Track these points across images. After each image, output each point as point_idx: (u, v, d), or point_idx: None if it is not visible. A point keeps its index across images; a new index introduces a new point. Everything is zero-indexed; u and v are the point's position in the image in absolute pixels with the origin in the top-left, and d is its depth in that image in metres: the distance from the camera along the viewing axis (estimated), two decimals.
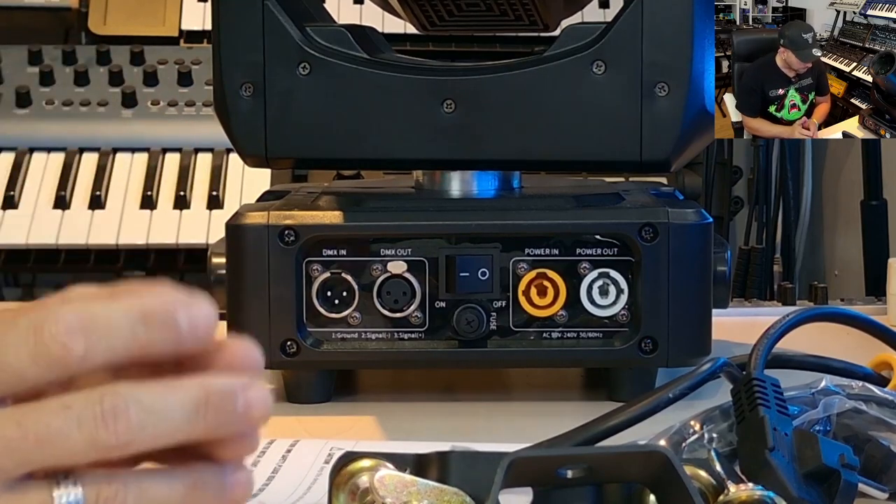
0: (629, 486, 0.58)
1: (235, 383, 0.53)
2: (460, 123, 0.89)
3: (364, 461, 0.57)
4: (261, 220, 0.88)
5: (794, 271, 1.92)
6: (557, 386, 0.95)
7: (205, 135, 1.75)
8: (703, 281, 0.88)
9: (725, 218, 1.92)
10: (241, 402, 0.52)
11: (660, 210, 0.88)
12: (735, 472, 0.60)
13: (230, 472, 0.53)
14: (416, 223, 0.88)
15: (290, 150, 0.91)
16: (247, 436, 0.54)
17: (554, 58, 0.89)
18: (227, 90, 0.90)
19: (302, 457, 0.74)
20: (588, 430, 0.66)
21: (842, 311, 0.82)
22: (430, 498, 0.55)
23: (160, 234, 1.66)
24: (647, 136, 0.88)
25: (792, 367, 0.76)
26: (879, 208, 1.80)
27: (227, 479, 0.53)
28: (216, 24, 0.91)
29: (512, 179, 0.94)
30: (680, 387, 0.68)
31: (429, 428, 0.84)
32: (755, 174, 1.92)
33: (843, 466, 0.61)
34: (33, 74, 1.81)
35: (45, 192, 1.70)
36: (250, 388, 0.53)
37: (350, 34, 0.91)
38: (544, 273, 0.88)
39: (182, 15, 1.92)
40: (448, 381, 0.95)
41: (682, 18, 0.88)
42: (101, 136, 1.76)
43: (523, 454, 0.55)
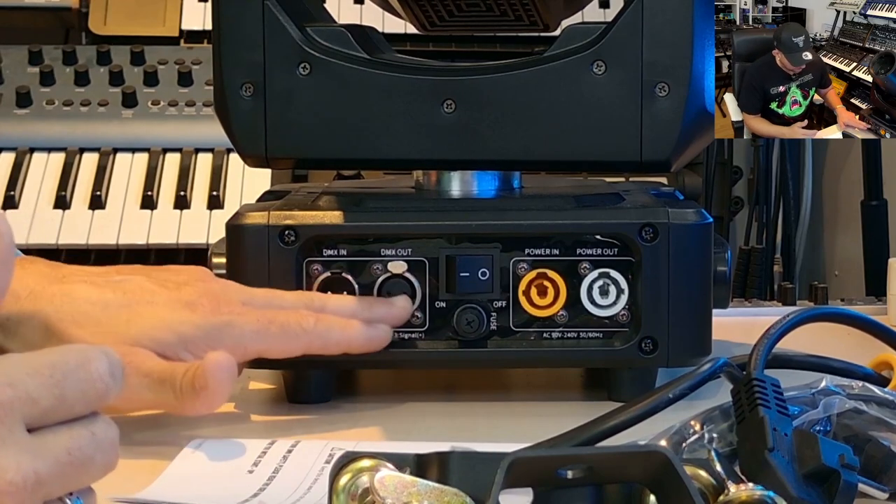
0: (629, 486, 0.58)
1: None
2: (460, 123, 0.89)
3: (364, 461, 0.57)
4: (261, 220, 0.88)
5: (794, 271, 1.92)
6: (557, 386, 0.95)
7: (205, 135, 1.75)
8: (703, 281, 0.88)
9: (725, 218, 1.92)
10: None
11: (660, 210, 0.88)
12: (735, 472, 0.60)
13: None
14: (416, 223, 0.88)
15: (290, 150, 0.91)
16: None
17: (554, 58, 0.89)
18: (228, 90, 0.90)
19: (302, 457, 0.74)
20: (588, 430, 0.66)
21: (842, 311, 0.82)
22: (430, 498, 0.55)
23: (160, 234, 1.66)
24: (647, 136, 0.88)
25: (792, 367, 0.76)
26: (879, 208, 1.80)
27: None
28: (216, 23, 0.91)
29: (512, 179, 0.94)
30: (680, 387, 0.68)
31: (429, 428, 0.84)
32: (755, 174, 1.92)
33: (843, 466, 0.61)
34: (33, 74, 1.81)
35: (46, 191, 1.70)
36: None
37: (350, 34, 0.91)
38: (544, 273, 0.88)
39: (182, 15, 1.92)
40: (448, 381, 0.95)
41: (682, 18, 0.88)
42: (102, 136, 1.76)
43: (523, 454, 0.55)
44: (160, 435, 0.81)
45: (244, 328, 0.82)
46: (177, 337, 0.80)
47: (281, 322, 0.83)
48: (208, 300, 0.82)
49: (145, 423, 0.83)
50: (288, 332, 0.83)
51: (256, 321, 0.82)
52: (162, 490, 0.70)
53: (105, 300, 0.82)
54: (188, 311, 0.82)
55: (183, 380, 0.77)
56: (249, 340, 0.82)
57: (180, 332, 0.80)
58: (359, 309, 0.86)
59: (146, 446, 0.79)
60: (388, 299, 0.87)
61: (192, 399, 0.77)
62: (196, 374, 0.77)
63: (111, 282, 0.83)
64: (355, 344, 0.85)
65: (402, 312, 0.87)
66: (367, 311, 0.86)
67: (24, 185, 1.71)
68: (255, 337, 0.82)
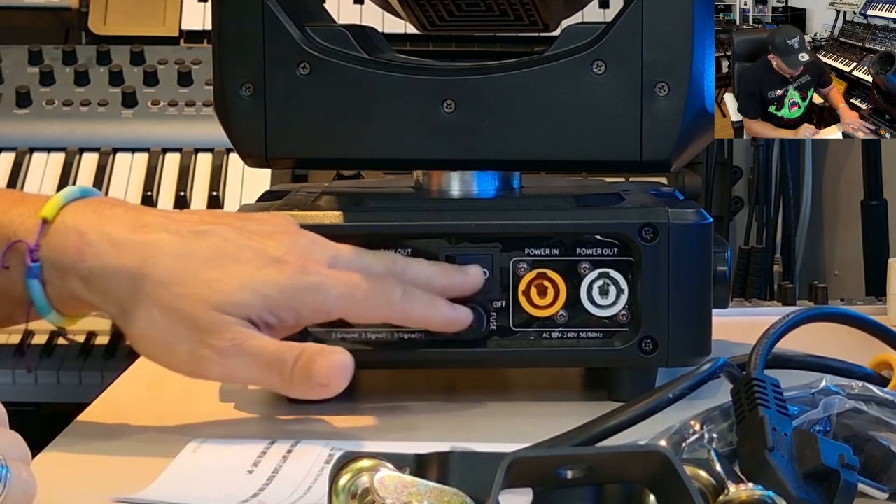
0: (629, 486, 0.58)
1: None
2: (460, 123, 0.89)
3: (364, 461, 0.57)
4: None
5: (794, 271, 1.92)
6: (557, 386, 0.95)
7: (205, 135, 1.75)
8: (703, 281, 0.88)
9: (725, 218, 1.92)
10: None
11: (660, 210, 0.88)
12: (735, 472, 0.60)
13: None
14: (416, 223, 0.88)
15: (290, 150, 0.91)
16: None
17: (554, 58, 0.89)
18: (227, 90, 0.90)
19: (302, 457, 0.74)
20: (588, 430, 0.66)
21: (842, 311, 0.82)
22: (430, 498, 0.55)
23: None
24: (647, 136, 0.88)
25: (792, 367, 0.76)
26: (879, 208, 1.80)
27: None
28: (216, 23, 0.91)
29: (512, 179, 0.94)
30: (680, 387, 0.68)
31: (429, 428, 0.84)
32: (755, 174, 1.92)
33: (843, 466, 0.61)
34: (33, 74, 1.81)
35: (46, 191, 1.70)
36: None
37: (350, 34, 0.91)
38: (544, 273, 0.88)
39: (182, 15, 1.92)
40: (448, 381, 0.95)
41: (682, 18, 0.88)
42: (101, 136, 1.76)
43: (523, 454, 0.55)
44: (160, 435, 0.81)
45: (330, 292, 0.81)
46: (262, 300, 0.79)
47: (367, 289, 0.82)
48: (295, 257, 0.81)
49: (145, 423, 0.83)
50: (373, 301, 0.82)
51: (344, 285, 0.81)
52: (162, 490, 0.70)
53: (189, 253, 0.80)
54: (274, 268, 0.80)
55: (295, 368, 0.78)
56: (333, 305, 0.81)
57: (265, 295, 0.79)
58: (437, 275, 0.86)
59: (146, 446, 0.79)
60: (463, 267, 0.87)
61: (304, 388, 0.78)
62: (314, 368, 0.77)
63: (195, 232, 0.81)
64: (436, 322, 0.85)
65: (475, 280, 0.86)
66: (444, 278, 0.86)
67: (23, 185, 1.71)
68: (340, 302, 0.81)
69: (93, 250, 0.80)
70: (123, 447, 0.79)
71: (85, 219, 0.82)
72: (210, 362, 0.79)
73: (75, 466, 0.75)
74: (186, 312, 0.78)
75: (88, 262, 0.80)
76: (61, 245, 0.81)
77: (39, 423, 1.59)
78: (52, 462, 0.75)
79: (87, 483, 0.73)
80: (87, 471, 0.75)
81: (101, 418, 0.85)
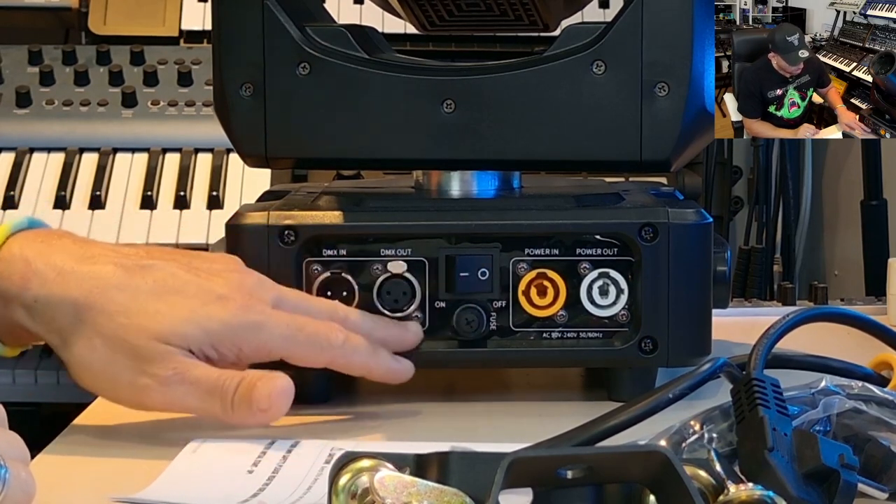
0: (629, 486, 0.58)
1: None
2: (460, 123, 0.89)
3: (364, 461, 0.57)
4: (261, 220, 0.88)
5: (794, 271, 1.92)
6: (557, 386, 0.95)
7: (205, 135, 1.75)
8: (703, 281, 0.88)
9: (725, 218, 1.92)
10: None
11: (660, 210, 0.88)
12: (735, 472, 0.60)
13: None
14: (416, 223, 0.88)
15: (290, 150, 0.91)
16: None
17: (554, 58, 0.89)
18: (227, 90, 0.90)
19: (302, 457, 0.74)
20: (588, 430, 0.66)
21: (842, 311, 0.82)
22: (430, 498, 0.55)
23: (160, 234, 1.66)
24: (647, 136, 0.88)
25: (792, 367, 0.76)
26: (879, 208, 1.80)
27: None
28: (216, 23, 0.91)
29: (512, 179, 0.94)
30: (680, 387, 0.68)
31: (429, 428, 0.84)
32: (755, 174, 1.92)
33: (843, 466, 0.61)
34: (33, 74, 1.81)
35: (45, 192, 1.70)
36: None
37: (350, 34, 0.91)
38: (544, 273, 0.88)
39: (182, 15, 1.92)
40: (448, 381, 0.95)
41: (682, 18, 0.88)
42: (101, 136, 1.76)
43: (523, 454, 0.55)
44: (160, 435, 0.81)
45: (273, 332, 0.81)
46: (205, 334, 0.80)
47: (310, 332, 0.82)
48: (240, 295, 0.82)
49: (145, 423, 0.83)
50: (315, 344, 0.82)
51: (286, 326, 0.82)
52: (162, 490, 0.70)
53: (135, 286, 0.80)
54: (218, 305, 0.81)
55: (235, 395, 0.78)
56: (276, 345, 0.82)
57: (208, 329, 0.80)
58: (376, 328, 0.86)
59: (146, 446, 0.79)
60: (402, 323, 0.87)
61: (244, 414, 0.78)
62: (254, 394, 0.78)
63: (142, 266, 0.82)
64: (375, 372, 0.85)
65: (414, 338, 0.87)
66: (383, 331, 0.86)
67: (23, 185, 1.70)
68: (282, 342, 0.82)
69: (38, 279, 0.80)
70: (123, 447, 0.79)
71: (32, 248, 0.82)
72: (152, 391, 0.79)
73: (75, 467, 0.75)
74: (129, 342, 0.79)
75: (33, 291, 0.80)
76: (7, 273, 0.81)
77: (39, 423, 1.59)
78: (51, 462, 0.75)
79: (87, 483, 0.73)
80: (86, 471, 0.75)
81: (101, 418, 0.85)
